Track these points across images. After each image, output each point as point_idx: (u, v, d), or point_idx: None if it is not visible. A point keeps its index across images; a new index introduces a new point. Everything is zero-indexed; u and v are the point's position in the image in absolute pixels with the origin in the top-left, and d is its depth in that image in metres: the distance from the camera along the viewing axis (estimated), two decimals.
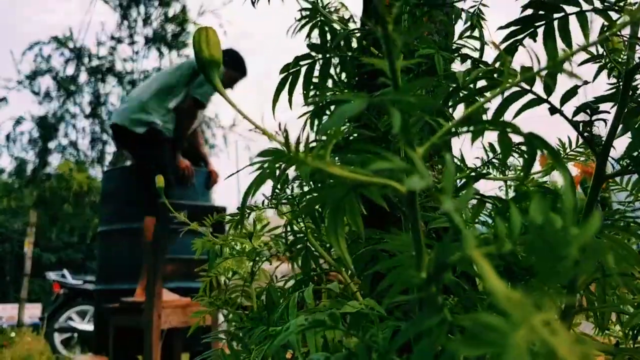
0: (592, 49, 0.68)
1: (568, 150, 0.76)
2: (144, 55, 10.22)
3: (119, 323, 2.65)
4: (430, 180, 0.27)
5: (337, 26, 0.84)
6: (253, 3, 0.94)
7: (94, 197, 9.99)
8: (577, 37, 0.60)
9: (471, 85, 0.60)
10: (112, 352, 2.67)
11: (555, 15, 0.61)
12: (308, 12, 0.81)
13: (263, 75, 6.79)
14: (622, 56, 0.66)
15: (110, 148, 9.92)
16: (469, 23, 0.72)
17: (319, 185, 0.55)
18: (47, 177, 10.19)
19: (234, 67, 3.18)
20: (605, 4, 0.58)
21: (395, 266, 0.41)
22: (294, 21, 0.85)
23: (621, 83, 0.60)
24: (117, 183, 3.28)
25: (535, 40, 0.66)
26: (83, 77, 10.41)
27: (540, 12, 0.62)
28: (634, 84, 0.60)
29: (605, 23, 0.60)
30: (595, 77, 0.65)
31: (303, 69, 0.76)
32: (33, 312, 8.75)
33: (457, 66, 0.77)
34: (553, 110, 0.59)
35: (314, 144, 0.35)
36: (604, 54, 0.65)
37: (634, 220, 0.60)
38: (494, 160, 0.70)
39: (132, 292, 2.77)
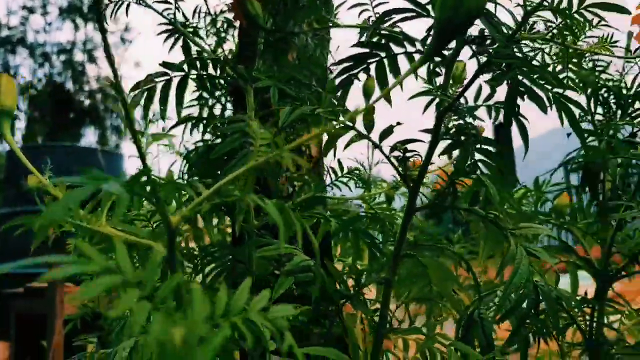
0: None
1: None
2: (57, 27, 9.66)
3: (21, 309, 2.58)
4: None
5: (204, 44, 0.85)
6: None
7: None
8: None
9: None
10: (15, 337, 2.60)
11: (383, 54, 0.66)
12: (169, 28, 0.82)
13: None
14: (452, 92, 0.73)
15: (21, 123, 9.39)
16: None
17: None
18: None
19: None
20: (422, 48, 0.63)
21: None
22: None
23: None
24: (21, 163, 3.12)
25: (369, 75, 0.70)
26: None
27: (372, 51, 0.66)
28: (451, 123, 0.66)
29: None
30: (424, 111, 0.70)
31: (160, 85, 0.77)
32: None
33: None
34: (375, 145, 0.64)
35: None
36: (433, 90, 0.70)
37: (447, 246, 0.66)
38: None
39: (36, 276, 2.69)
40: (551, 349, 0.95)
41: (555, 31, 0.66)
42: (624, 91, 0.89)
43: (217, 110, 0.97)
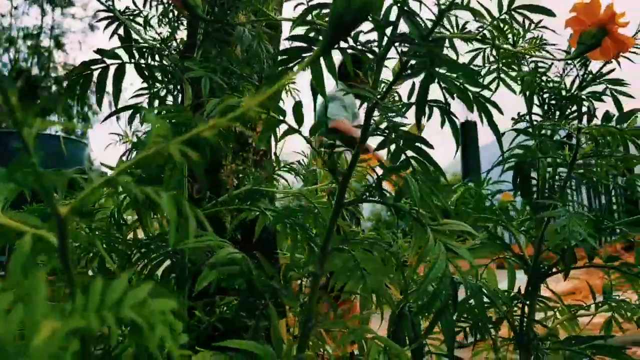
0: None
1: None
2: (23, 12, 9.37)
3: None
4: None
5: (145, 34, 0.84)
6: None
7: None
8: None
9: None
10: None
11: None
12: (109, 16, 0.80)
13: None
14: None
15: None
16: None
17: None
18: None
19: None
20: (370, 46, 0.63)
21: None
22: None
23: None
24: None
25: (304, 69, 0.70)
26: None
27: (306, 46, 0.66)
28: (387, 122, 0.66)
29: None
30: (359, 107, 0.71)
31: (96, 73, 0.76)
32: None
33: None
34: (306, 139, 0.64)
35: None
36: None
37: (378, 240, 0.67)
38: None
39: None
40: (488, 343, 0.97)
41: (487, 32, 0.67)
42: (563, 92, 0.91)
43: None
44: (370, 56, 0.66)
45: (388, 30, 0.59)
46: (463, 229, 0.60)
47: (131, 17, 0.83)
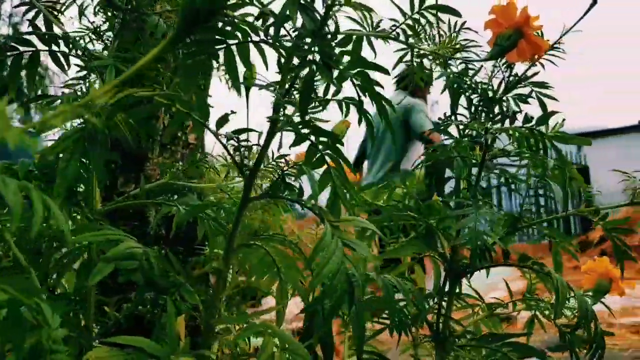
0: None
1: None
2: None
3: None
4: None
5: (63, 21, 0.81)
6: None
7: None
8: None
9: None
10: None
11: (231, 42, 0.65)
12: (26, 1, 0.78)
13: None
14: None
15: None
16: None
17: None
18: None
19: None
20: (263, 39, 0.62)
21: None
22: None
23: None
24: None
25: (217, 61, 0.69)
26: None
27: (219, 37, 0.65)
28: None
29: None
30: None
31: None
32: None
33: None
34: (213, 133, 0.63)
35: None
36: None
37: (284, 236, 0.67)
38: None
39: None
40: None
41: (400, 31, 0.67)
42: (490, 94, 0.93)
43: None
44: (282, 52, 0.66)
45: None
46: (364, 225, 0.60)
47: (50, 5, 0.81)
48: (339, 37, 0.60)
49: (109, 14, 1.01)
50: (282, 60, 0.70)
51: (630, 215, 1.01)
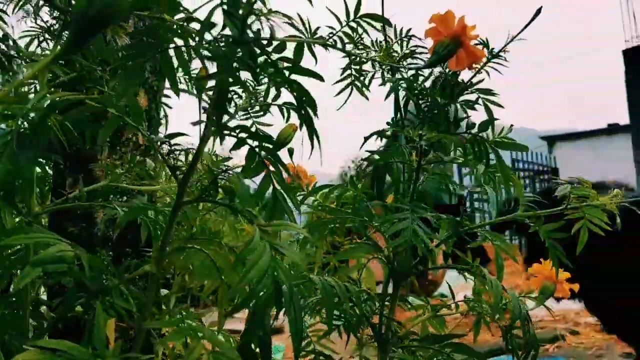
0: None
1: None
2: None
3: None
4: None
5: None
6: None
7: None
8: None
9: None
10: None
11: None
12: None
13: None
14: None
15: None
16: None
17: None
18: None
19: None
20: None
21: None
22: None
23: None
24: None
25: (157, 69, 0.69)
26: None
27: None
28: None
29: None
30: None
31: None
32: None
33: None
34: (144, 135, 0.63)
35: None
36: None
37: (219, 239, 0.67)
38: None
39: None
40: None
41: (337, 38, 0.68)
42: (438, 99, 0.95)
43: None
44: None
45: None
46: (293, 229, 0.61)
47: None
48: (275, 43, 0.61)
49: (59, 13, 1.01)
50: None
51: None
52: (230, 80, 0.49)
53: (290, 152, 0.98)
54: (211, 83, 0.71)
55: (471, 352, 0.84)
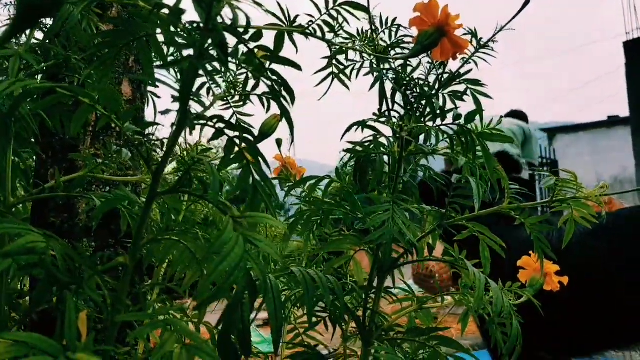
0: None
1: None
2: None
3: None
4: None
5: None
6: None
7: None
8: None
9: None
10: None
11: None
12: None
13: None
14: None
15: None
16: None
17: None
18: None
19: None
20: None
21: None
22: None
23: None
24: None
25: (131, 53, 0.68)
26: None
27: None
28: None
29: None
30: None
31: None
32: None
33: None
34: (117, 126, 0.62)
35: None
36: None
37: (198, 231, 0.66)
38: None
39: None
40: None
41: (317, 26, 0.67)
42: (426, 90, 0.93)
43: None
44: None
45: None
46: (269, 222, 0.60)
47: None
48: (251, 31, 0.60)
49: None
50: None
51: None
52: (195, 69, 0.47)
53: (279, 142, 0.97)
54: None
55: (456, 345, 0.83)
